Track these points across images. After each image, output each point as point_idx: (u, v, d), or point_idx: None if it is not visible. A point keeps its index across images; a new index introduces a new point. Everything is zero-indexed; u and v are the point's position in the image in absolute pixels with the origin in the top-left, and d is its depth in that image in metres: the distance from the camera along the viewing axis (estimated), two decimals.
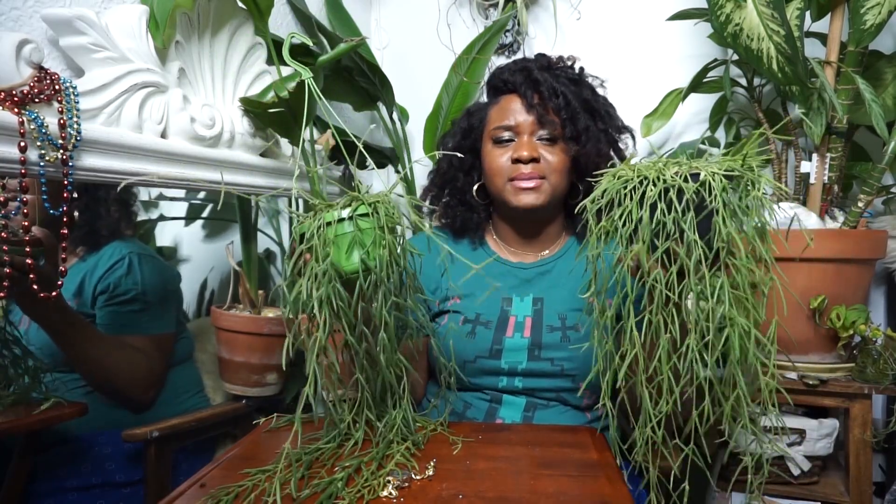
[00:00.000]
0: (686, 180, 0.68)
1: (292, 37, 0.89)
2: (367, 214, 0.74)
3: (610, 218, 0.72)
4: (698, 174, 0.69)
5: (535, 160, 1.00)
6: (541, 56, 1.09)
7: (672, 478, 0.69)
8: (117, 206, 1.34)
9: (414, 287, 0.82)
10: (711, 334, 0.67)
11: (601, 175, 0.77)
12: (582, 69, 1.09)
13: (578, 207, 0.78)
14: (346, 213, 0.74)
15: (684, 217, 0.67)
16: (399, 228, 0.78)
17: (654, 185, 0.69)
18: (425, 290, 1.04)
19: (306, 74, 0.87)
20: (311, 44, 0.94)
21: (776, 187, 0.73)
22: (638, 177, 0.71)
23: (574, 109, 1.01)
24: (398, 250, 0.78)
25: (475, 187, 1.10)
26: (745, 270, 0.68)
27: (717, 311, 0.67)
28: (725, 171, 0.69)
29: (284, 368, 0.80)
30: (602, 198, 0.74)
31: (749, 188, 0.70)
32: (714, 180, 0.67)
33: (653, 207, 0.69)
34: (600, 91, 1.09)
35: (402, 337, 0.82)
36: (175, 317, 1.38)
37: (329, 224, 0.73)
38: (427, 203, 1.16)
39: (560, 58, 1.08)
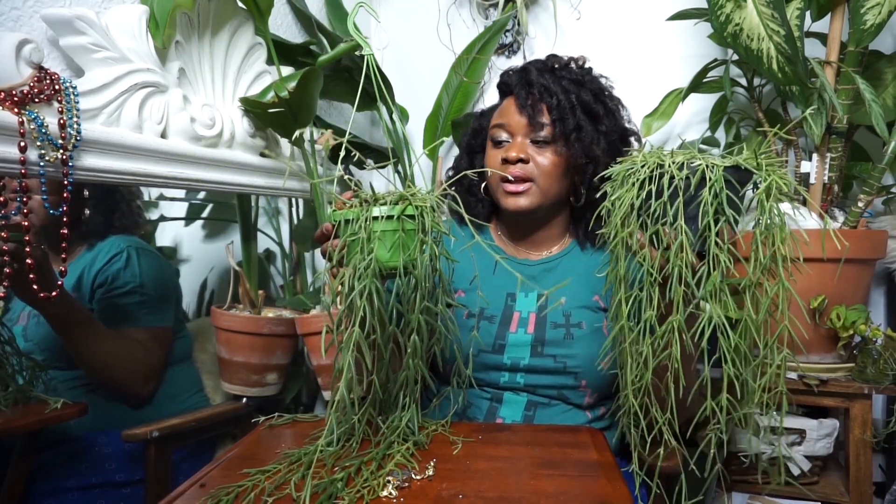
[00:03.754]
0: (682, 168, 0.69)
1: (360, 4, 0.86)
2: (412, 216, 0.74)
3: (610, 200, 0.74)
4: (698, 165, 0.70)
5: (522, 160, 1.00)
6: (551, 57, 1.09)
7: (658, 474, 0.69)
8: (127, 202, 1.36)
9: (446, 292, 0.82)
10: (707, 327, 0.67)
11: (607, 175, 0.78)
12: (590, 70, 1.08)
13: (600, 208, 0.79)
14: (394, 211, 0.73)
15: (673, 202, 0.69)
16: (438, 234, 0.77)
17: (652, 169, 0.71)
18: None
19: (367, 50, 0.84)
20: (378, 19, 0.91)
21: (790, 187, 0.72)
22: (641, 162, 0.73)
23: (563, 110, 1.00)
24: (437, 255, 0.77)
25: (483, 186, 1.11)
26: (726, 265, 0.69)
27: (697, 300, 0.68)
28: (729, 164, 0.69)
29: (333, 364, 0.78)
30: (611, 178, 0.76)
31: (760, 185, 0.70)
32: (712, 172, 0.68)
33: (646, 191, 0.70)
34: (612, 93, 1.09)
35: (430, 342, 0.81)
36: (173, 311, 1.39)
37: (375, 219, 0.73)
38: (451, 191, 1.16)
39: (570, 58, 1.08)
